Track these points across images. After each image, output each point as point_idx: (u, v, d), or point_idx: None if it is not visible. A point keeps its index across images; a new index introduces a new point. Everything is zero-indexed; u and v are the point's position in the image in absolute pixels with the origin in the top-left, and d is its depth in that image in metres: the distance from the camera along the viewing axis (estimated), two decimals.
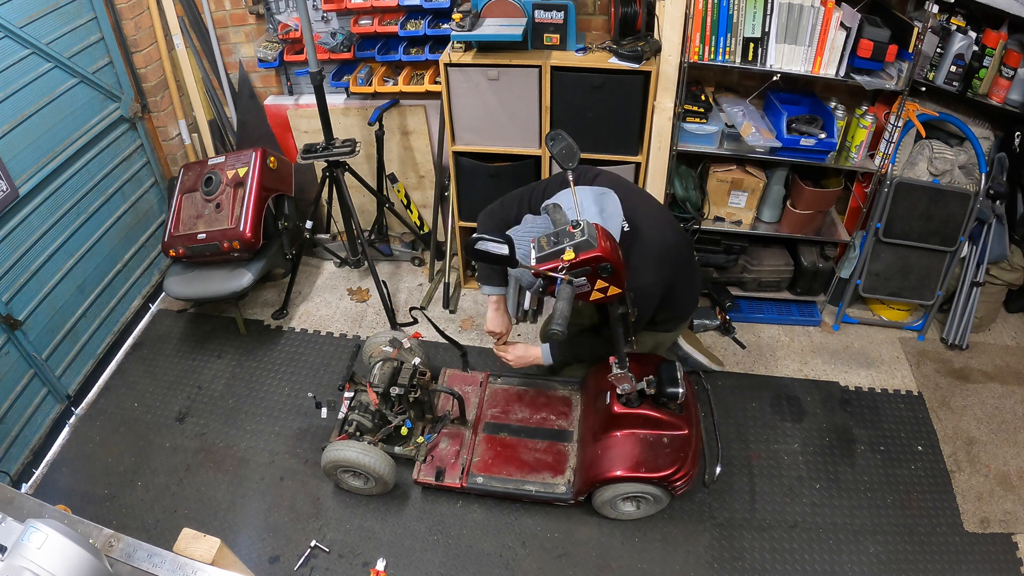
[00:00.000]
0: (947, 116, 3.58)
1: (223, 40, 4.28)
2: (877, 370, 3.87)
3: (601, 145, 3.59)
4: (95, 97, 3.82)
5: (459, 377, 3.57)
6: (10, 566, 1.31)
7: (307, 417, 3.62)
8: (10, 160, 3.26)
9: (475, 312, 4.26)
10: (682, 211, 3.84)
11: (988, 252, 3.79)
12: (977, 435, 3.54)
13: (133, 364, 4.06)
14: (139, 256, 4.30)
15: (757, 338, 4.07)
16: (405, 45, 3.94)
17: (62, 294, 3.68)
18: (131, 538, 1.62)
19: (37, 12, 3.36)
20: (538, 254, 2.32)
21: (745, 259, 4.08)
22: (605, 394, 3.02)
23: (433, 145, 4.27)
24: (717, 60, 3.31)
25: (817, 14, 3.10)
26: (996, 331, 4.15)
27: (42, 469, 3.51)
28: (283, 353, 4.05)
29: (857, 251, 3.88)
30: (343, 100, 4.23)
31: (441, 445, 3.25)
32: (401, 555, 3.05)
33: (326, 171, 3.89)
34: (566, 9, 3.38)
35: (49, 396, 3.63)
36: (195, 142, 4.57)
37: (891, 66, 3.27)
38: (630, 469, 2.82)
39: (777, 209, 3.88)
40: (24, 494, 1.76)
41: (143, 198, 4.29)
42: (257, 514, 3.24)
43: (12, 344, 3.36)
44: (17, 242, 3.36)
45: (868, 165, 3.58)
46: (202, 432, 3.62)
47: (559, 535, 3.10)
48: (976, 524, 3.15)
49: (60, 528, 1.36)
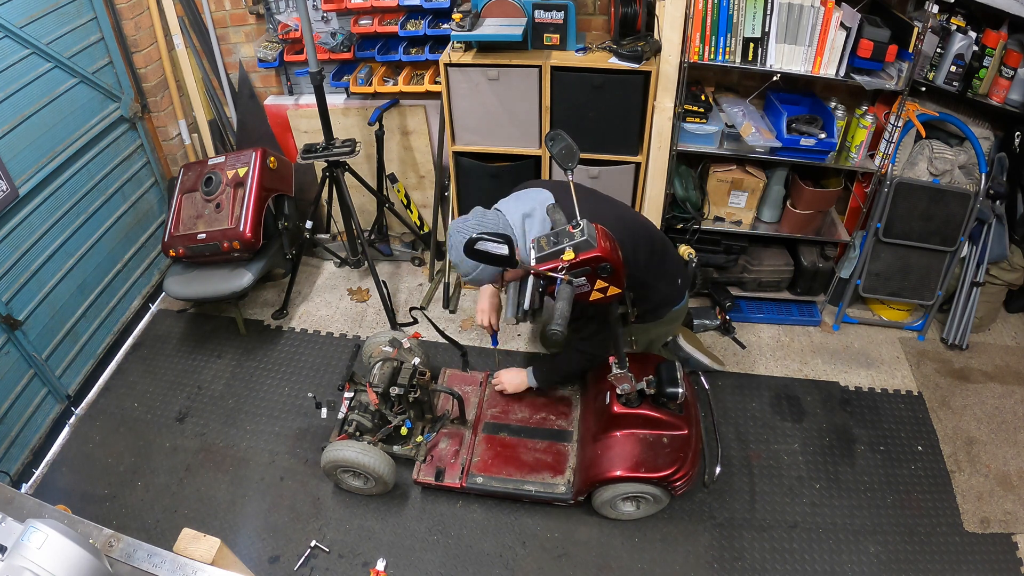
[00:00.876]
0: (947, 116, 3.58)
1: (223, 40, 4.28)
2: (877, 370, 3.87)
3: (601, 145, 3.59)
4: (95, 97, 3.82)
5: (459, 377, 3.57)
6: (10, 566, 1.31)
7: (307, 417, 3.62)
8: (10, 160, 3.26)
9: (475, 312, 4.25)
10: (682, 211, 3.84)
11: (988, 252, 3.79)
12: (977, 435, 3.54)
13: (133, 364, 4.06)
14: (139, 256, 4.30)
15: (757, 338, 4.07)
16: (405, 45, 3.94)
17: (62, 294, 3.68)
18: (131, 538, 1.62)
19: (37, 12, 3.36)
20: (538, 254, 2.32)
21: (745, 259, 4.08)
22: (605, 394, 3.02)
23: (433, 145, 4.27)
24: (717, 60, 3.31)
25: (817, 14, 3.10)
26: (996, 331, 4.15)
27: (42, 469, 3.51)
28: (283, 353, 4.05)
29: (857, 251, 3.87)
30: (343, 100, 4.23)
31: (441, 445, 3.25)
32: (401, 555, 3.05)
33: (326, 171, 3.88)
34: (566, 9, 3.38)
35: (49, 396, 3.63)
36: (195, 142, 4.57)
37: (891, 66, 3.27)
38: (630, 469, 2.82)
39: (777, 209, 3.88)
40: (24, 494, 1.76)
41: (143, 198, 4.29)
42: (257, 514, 3.24)
43: (12, 344, 3.36)
44: (17, 242, 3.36)
45: (868, 165, 3.58)
46: (202, 432, 3.62)
47: (559, 535, 3.10)
48: (976, 524, 3.15)
49: (60, 528, 1.36)
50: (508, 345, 4.04)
